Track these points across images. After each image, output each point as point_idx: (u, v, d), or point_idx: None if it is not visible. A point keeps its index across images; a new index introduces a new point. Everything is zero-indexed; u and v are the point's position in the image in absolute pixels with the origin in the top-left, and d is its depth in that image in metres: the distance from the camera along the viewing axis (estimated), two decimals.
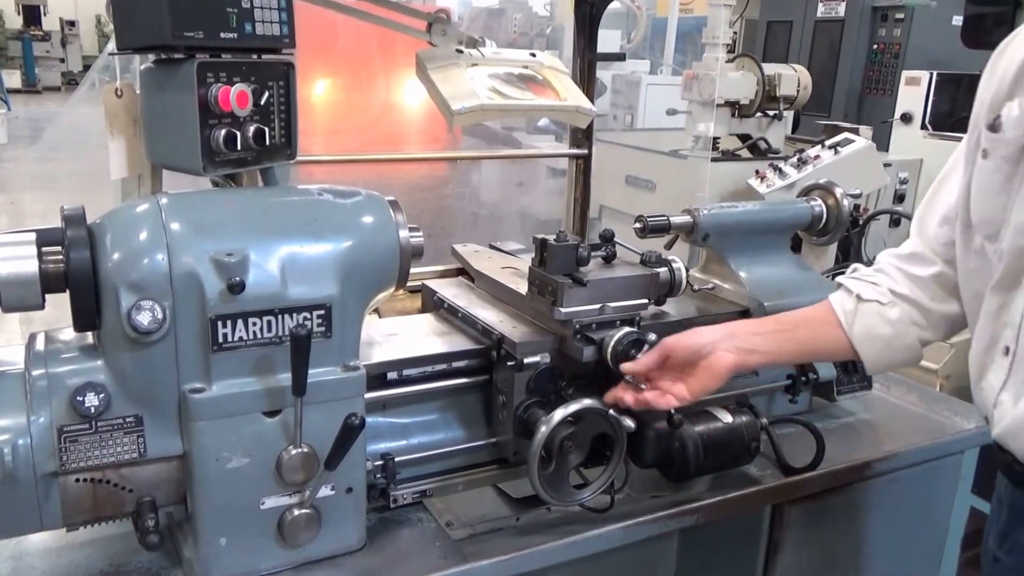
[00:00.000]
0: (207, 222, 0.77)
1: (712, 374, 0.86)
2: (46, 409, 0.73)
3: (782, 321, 0.94)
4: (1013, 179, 0.74)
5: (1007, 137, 0.74)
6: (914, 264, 0.90)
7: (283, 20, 0.85)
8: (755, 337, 0.90)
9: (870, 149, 2.71)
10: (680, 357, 0.88)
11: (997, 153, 0.75)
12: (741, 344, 0.88)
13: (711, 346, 0.87)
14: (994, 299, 0.77)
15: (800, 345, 0.93)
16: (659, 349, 0.88)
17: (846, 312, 0.90)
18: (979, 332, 0.79)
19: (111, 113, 0.97)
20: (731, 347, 0.87)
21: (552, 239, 0.92)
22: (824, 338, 0.91)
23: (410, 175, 2.71)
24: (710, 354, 0.87)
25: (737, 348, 0.88)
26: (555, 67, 1.26)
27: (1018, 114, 0.72)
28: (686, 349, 0.88)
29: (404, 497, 0.92)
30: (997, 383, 0.76)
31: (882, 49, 4.42)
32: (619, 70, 4.30)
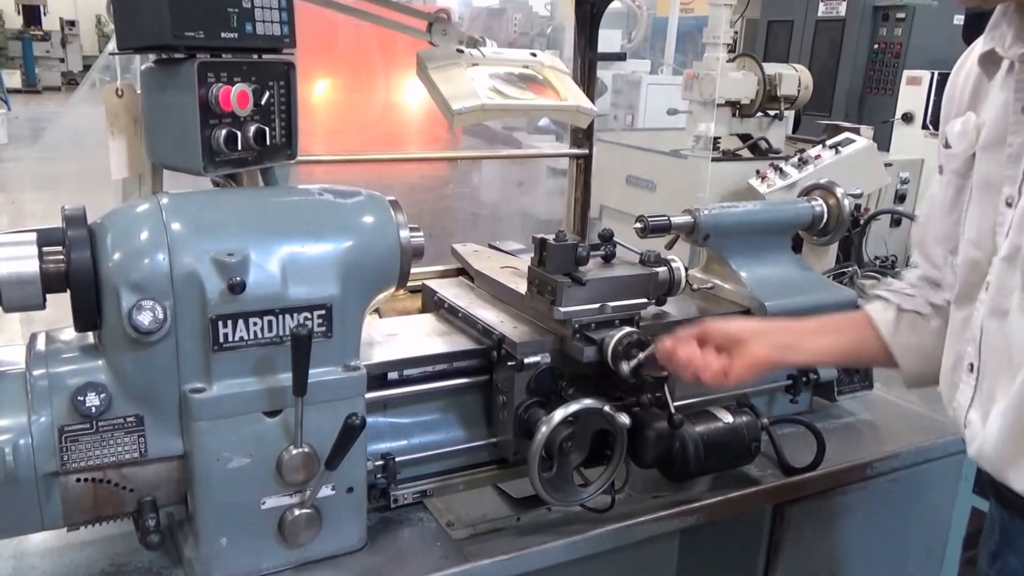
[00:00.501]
0: (208, 222, 0.77)
1: (746, 365, 0.84)
2: (47, 409, 0.73)
3: (824, 323, 0.92)
4: (963, 192, 0.74)
5: (955, 152, 0.75)
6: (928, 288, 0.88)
7: (283, 20, 0.85)
8: (797, 335, 0.88)
9: (871, 149, 2.71)
10: (716, 340, 0.86)
11: (949, 167, 0.76)
12: (782, 340, 0.87)
13: (749, 336, 0.85)
14: (957, 314, 0.76)
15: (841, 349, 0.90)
16: (698, 328, 0.87)
17: (888, 321, 0.87)
18: (947, 350, 0.78)
19: (112, 113, 0.97)
20: (771, 341, 0.86)
21: (551, 239, 0.93)
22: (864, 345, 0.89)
23: (410, 175, 2.70)
24: (746, 344, 0.85)
25: (776, 344, 0.86)
26: (556, 67, 1.26)
27: (960, 129, 0.73)
28: (723, 333, 0.86)
29: (405, 497, 0.92)
30: (965, 401, 0.74)
31: (883, 49, 4.42)
32: (620, 70, 4.30)
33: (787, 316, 1.13)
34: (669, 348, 0.86)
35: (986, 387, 0.71)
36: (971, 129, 0.73)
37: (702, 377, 0.85)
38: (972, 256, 0.73)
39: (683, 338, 0.87)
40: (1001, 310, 0.69)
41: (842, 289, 1.26)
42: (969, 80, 0.77)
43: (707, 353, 0.85)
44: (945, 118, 0.79)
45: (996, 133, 0.70)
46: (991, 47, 0.72)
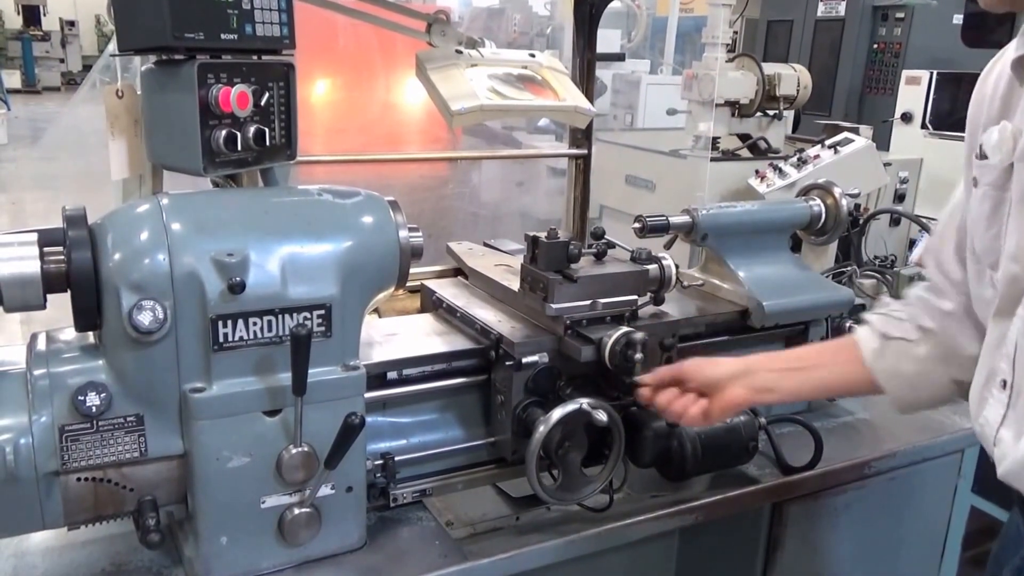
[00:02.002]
0: (208, 222, 0.77)
1: (723, 407, 0.86)
2: (47, 408, 0.73)
3: (802, 358, 0.92)
4: (1001, 206, 0.72)
5: (991, 163, 0.72)
6: (936, 296, 0.86)
7: (283, 21, 0.85)
8: (771, 375, 0.89)
9: (870, 149, 2.71)
10: (695, 384, 0.88)
11: (984, 180, 0.74)
12: (757, 382, 0.88)
13: (725, 380, 0.87)
14: (994, 330, 0.74)
15: (818, 384, 0.91)
16: (676, 369, 0.89)
17: (872, 351, 0.87)
18: (980, 365, 0.77)
19: (112, 114, 0.98)
20: (746, 384, 0.87)
21: (543, 236, 0.93)
22: (846, 378, 0.89)
23: (410, 175, 2.71)
24: (723, 389, 0.87)
25: (752, 386, 0.87)
26: (554, 67, 1.26)
27: (997, 139, 0.71)
28: (702, 377, 0.88)
29: (404, 496, 0.92)
30: (995, 419, 0.72)
31: (882, 48, 4.42)
32: (619, 70, 4.30)
33: (784, 315, 1.14)
34: (649, 392, 0.88)
35: (1021, 404, 0.70)
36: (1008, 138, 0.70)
37: (682, 421, 0.87)
38: (1012, 271, 0.70)
39: (662, 379, 0.88)
40: None
41: (840, 289, 1.26)
42: (1000, 86, 0.73)
43: (685, 397, 0.87)
44: (974, 127, 0.76)
45: None
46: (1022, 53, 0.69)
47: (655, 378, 0.88)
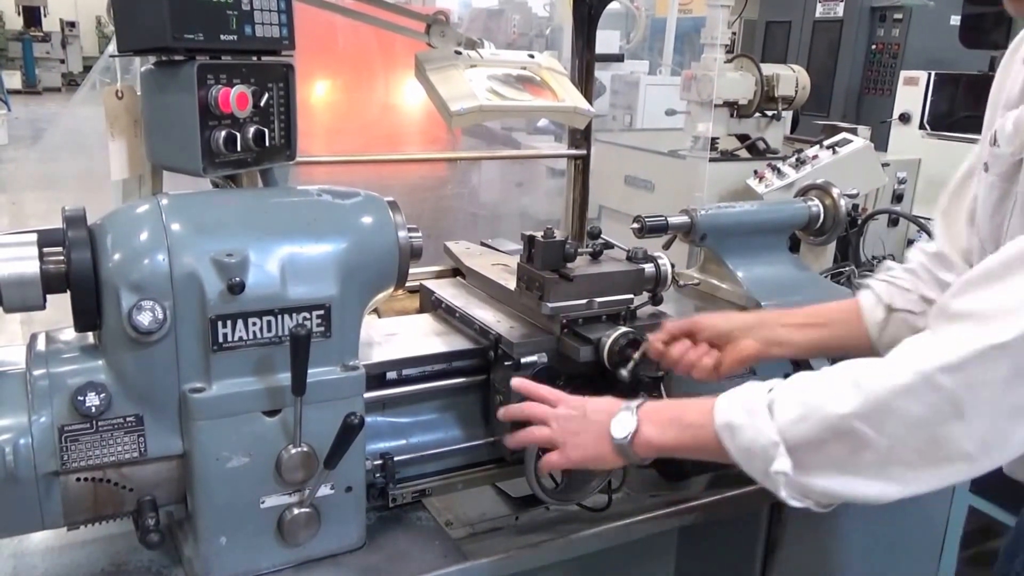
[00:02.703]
0: (207, 223, 0.77)
1: (736, 359, 0.86)
2: (47, 409, 0.73)
3: (813, 315, 0.92)
4: (1007, 198, 0.71)
5: (1003, 152, 0.71)
6: (941, 267, 0.86)
7: (283, 22, 0.86)
8: (783, 329, 0.88)
9: (868, 149, 2.71)
10: (707, 336, 0.87)
11: (994, 169, 0.73)
12: (769, 335, 0.87)
13: (738, 331, 0.87)
14: None
15: (826, 342, 0.91)
16: (688, 322, 0.88)
17: (876, 323, 0.87)
18: None
19: (112, 114, 0.98)
20: (759, 336, 0.87)
21: (540, 236, 0.93)
22: (851, 340, 0.89)
23: (410, 175, 2.71)
24: (736, 339, 0.86)
25: (765, 339, 0.87)
26: (553, 68, 1.27)
27: (1011, 130, 0.69)
28: (713, 329, 0.87)
29: (403, 496, 0.92)
30: None
31: (880, 49, 4.43)
32: (618, 70, 4.30)
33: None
34: (662, 345, 0.87)
35: None
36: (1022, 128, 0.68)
37: (694, 372, 0.86)
38: None
39: (675, 333, 0.88)
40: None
41: (839, 289, 1.26)
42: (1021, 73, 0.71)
43: (698, 348, 0.87)
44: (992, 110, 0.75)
45: None
46: None
47: (668, 332, 0.88)
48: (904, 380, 0.61)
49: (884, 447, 0.62)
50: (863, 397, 0.62)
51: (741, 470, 0.71)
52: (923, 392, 0.60)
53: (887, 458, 0.62)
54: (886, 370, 0.63)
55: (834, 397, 0.64)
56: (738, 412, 0.69)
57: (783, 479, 0.66)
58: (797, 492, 0.67)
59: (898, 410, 0.61)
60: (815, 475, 0.65)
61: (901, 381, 0.61)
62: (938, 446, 0.61)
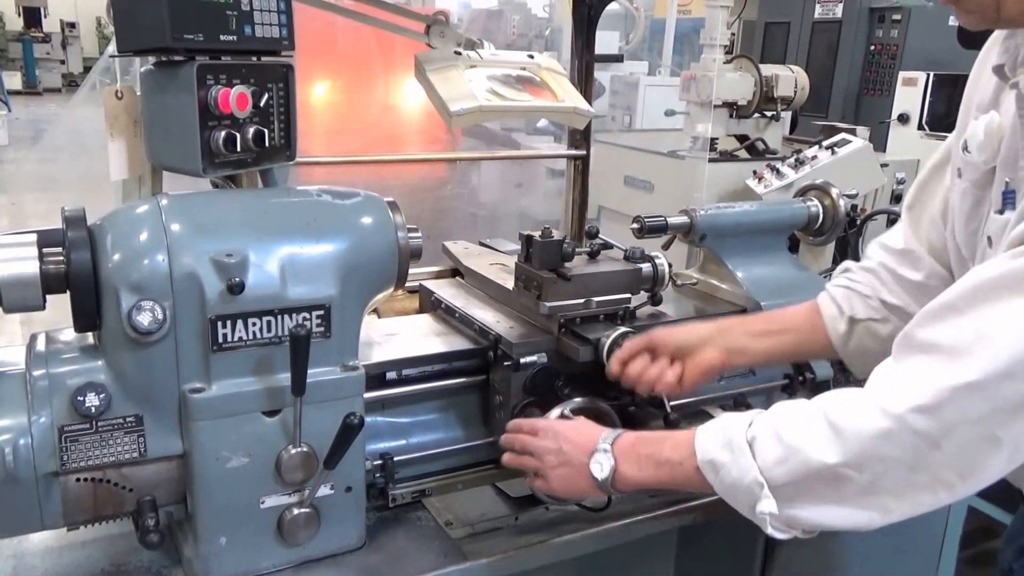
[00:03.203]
0: (207, 223, 0.77)
1: (699, 371, 0.86)
2: (47, 409, 0.73)
3: (773, 321, 0.93)
4: (981, 205, 0.71)
5: (974, 160, 0.71)
6: (906, 264, 0.86)
7: (282, 23, 0.86)
8: (745, 337, 0.89)
9: (867, 149, 2.72)
10: (667, 350, 0.87)
11: (967, 176, 0.73)
12: (731, 343, 0.87)
13: (698, 342, 0.87)
14: None
15: (789, 348, 0.92)
16: (646, 338, 0.88)
17: (839, 334, 0.87)
18: None
19: (111, 115, 0.98)
20: (720, 345, 0.87)
21: (537, 235, 0.94)
22: (813, 346, 0.90)
23: (410, 176, 2.71)
24: (696, 351, 0.86)
25: (726, 347, 0.87)
26: (553, 68, 1.27)
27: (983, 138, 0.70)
28: (674, 343, 0.87)
29: (403, 496, 0.93)
30: None
31: (879, 50, 4.44)
32: (617, 71, 4.31)
33: None
34: (617, 366, 0.87)
35: None
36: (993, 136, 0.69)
37: (656, 388, 0.86)
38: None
39: (633, 350, 0.87)
40: None
41: None
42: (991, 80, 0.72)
43: (658, 364, 0.86)
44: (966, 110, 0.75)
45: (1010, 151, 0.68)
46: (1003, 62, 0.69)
47: (625, 351, 0.87)
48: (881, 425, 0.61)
49: (867, 482, 0.63)
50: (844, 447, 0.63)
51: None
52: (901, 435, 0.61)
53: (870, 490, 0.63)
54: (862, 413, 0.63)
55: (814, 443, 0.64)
56: (720, 449, 0.69)
57: (768, 518, 0.67)
58: (783, 525, 0.67)
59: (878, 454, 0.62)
60: (800, 508, 0.66)
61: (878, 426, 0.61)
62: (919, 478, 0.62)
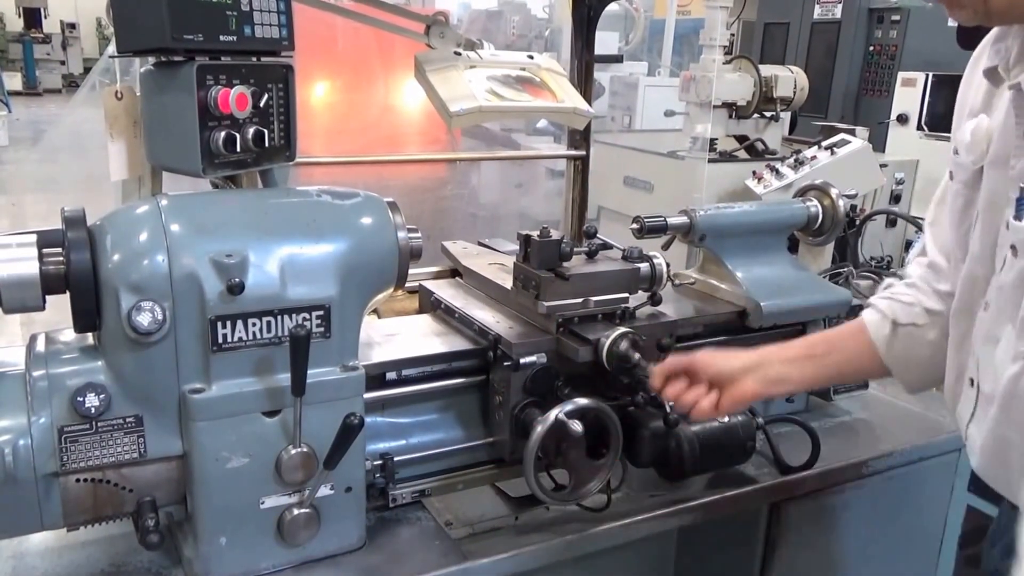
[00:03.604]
0: (207, 223, 0.77)
1: (734, 401, 0.87)
2: (47, 409, 0.73)
3: (814, 346, 0.92)
4: (971, 206, 0.72)
5: (963, 162, 0.72)
6: (936, 277, 0.86)
7: (282, 23, 0.86)
8: (784, 365, 0.88)
9: (866, 150, 2.72)
10: (707, 376, 0.88)
11: (958, 177, 0.74)
12: (770, 374, 0.87)
13: (738, 372, 0.87)
14: (956, 327, 0.75)
15: (831, 371, 0.91)
16: (687, 361, 0.88)
17: (883, 339, 0.87)
18: (948, 361, 0.78)
19: (111, 115, 0.98)
20: (759, 377, 0.87)
21: (535, 235, 0.94)
22: (858, 363, 0.90)
23: (410, 176, 2.71)
24: (735, 382, 0.87)
25: (765, 378, 0.87)
26: (552, 69, 1.27)
27: (970, 140, 0.70)
28: (714, 370, 0.87)
29: (403, 496, 0.93)
30: (966, 415, 0.74)
31: (878, 51, 4.44)
32: (617, 72, 4.31)
33: (782, 315, 1.15)
34: (659, 382, 0.88)
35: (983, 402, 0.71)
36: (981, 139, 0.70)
37: (692, 414, 0.87)
38: (973, 272, 0.71)
39: (673, 369, 0.88)
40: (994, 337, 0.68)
41: (837, 289, 1.26)
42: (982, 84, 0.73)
43: (696, 389, 0.87)
44: (957, 120, 0.76)
45: (1002, 151, 0.68)
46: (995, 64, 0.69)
47: (666, 368, 0.88)
48: None
49: None
50: None
51: (739, 470, 0.70)
52: None
53: None
54: None
55: None
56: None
57: None
58: None
59: None
60: None
61: None
62: None
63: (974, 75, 0.76)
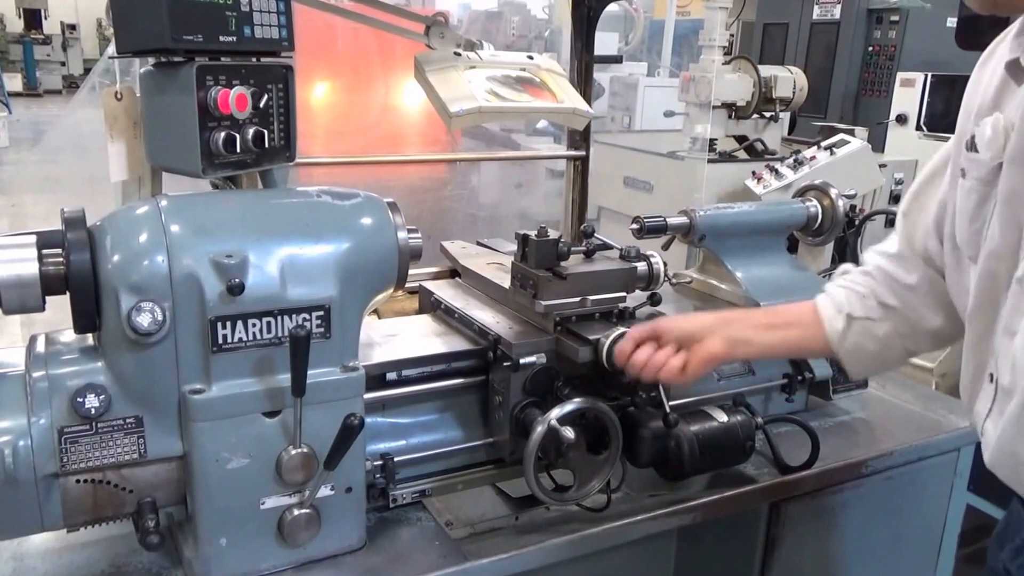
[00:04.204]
0: (207, 224, 0.77)
1: (702, 360, 0.87)
2: (47, 410, 0.73)
3: (777, 315, 0.94)
4: (987, 202, 0.71)
5: (981, 158, 0.71)
6: (900, 268, 0.87)
7: (282, 23, 0.86)
8: (749, 329, 0.90)
9: (865, 150, 2.73)
10: (672, 338, 0.87)
11: (973, 174, 0.73)
12: (735, 334, 0.88)
13: (703, 331, 0.87)
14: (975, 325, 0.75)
15: (790, 344, 0.93)
16: (651, 326, 0.89)
17: (836, 332, 0.89)
18: (965, 357, 0.78)
19: (111, 116, 0.98)
20: (724, 335, 0.87)
21: (533, 235, 0.94)
22: (812, 343, 0.92)
23: (409, 177, 2.71)
24: (701, 340, 0.87)
25: (730, 338, 0.87)
26: (552, 69, 1.27)
27: (991, 135, 0.70)
28: (678, 331, 0.88)
29: (403, 497, 0.93)
30: (983, 410, 0.74)
31: (877, 51, 4.45)
32: (617, 72, 4.32)
33: None
34: (626, 350, 0.87)
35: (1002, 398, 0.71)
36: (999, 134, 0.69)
37: (659, 376, 0.87)
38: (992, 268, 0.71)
39: (638, 338, 0.88)
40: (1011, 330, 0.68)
41: None
42: (994, 80, 0.72)
43: (663, 352, 0.87)
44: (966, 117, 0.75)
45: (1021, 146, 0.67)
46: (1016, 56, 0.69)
47: (631, 338, 0.88)
48: None
49: None
50: None
51: (739, 470, 0.70)
52: None
53: None
54: None
55: None
56: None
57: None
58: None
59: None
60: None
61: None
62: None
63: (983, 72, 0.75)
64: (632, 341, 0.88)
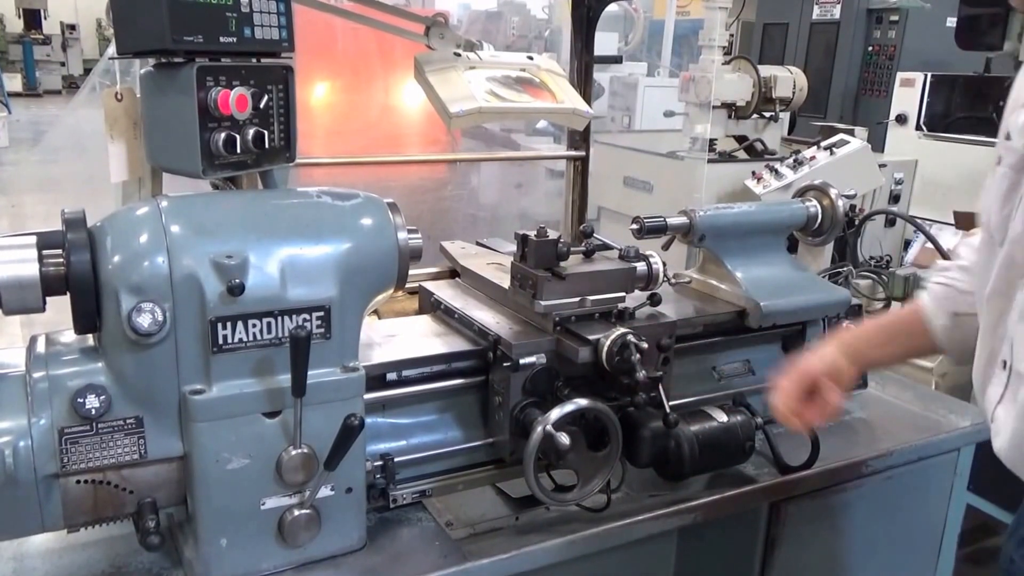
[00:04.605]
0: (207, 225, 0.77)
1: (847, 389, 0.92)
2: (47, 411, 0.73)
3: (885, 331, 0.98)
4: (1017, 188, 0.73)
5: (1015, 145, 0.74)
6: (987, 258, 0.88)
7: (282, 24, 0.86)
8: (868, 349, 0.95)
9: (865, 150, 2.72)
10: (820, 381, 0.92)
11: (1007, 161, 0.75)
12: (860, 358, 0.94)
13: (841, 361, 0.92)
14: (991, 310, 0.76)
15: (904, 354, 0.99)
16: (796, 375, 0.92)
17: (943, 328, 0.92)
18: (980, 344, 0.79)
19: (111, 117, 0.98)
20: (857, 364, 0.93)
21: (533, 235, 0.94)
22: (923, 348, 0.96)
23: (410, 177, 2.71)
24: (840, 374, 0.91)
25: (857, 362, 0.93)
26: (552, 70, 1.27)
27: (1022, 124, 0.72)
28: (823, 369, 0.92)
29: (404, 497, 0.93)
30: (995, 397, 0.75)
31: (877, 51, 4.45)
32: (616, 72, 4.32)
33: (781, 315, 1.15)
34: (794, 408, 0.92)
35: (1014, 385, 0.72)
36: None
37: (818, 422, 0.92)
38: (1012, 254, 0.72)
39: (788, 392, 0.92)
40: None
41: (837, 289, 1.27)
42: None
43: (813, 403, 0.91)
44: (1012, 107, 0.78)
45: None
46: None
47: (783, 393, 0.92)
48: None
49: None
50: None
51: (739, 470, 0.71)
52: None
53: None
54: None
55: None
56: None
57: None
58: None
59: None
60: None
61: None
62: None
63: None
64: (791, 398, 0.91)
